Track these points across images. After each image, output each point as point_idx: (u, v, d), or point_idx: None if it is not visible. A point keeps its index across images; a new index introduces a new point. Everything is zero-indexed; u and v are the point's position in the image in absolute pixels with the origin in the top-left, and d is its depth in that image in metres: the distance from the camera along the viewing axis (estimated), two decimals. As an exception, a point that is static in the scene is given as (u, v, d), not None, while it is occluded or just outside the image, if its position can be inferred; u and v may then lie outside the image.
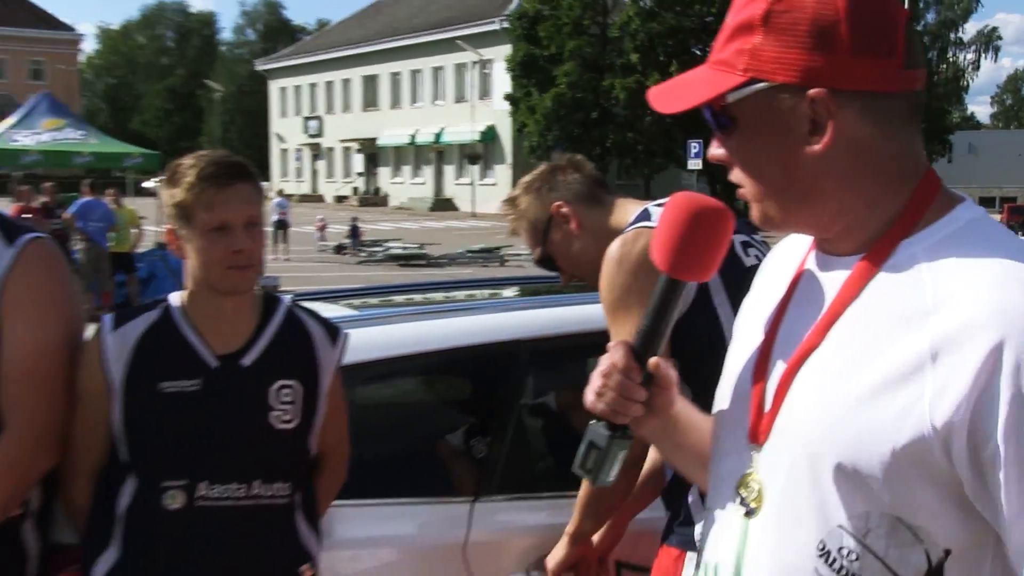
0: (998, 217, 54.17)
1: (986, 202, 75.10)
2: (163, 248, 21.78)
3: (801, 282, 1.94)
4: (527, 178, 3.72)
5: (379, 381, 3.84)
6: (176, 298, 3.21)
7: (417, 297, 5.11)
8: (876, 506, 1.68)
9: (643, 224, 3.23)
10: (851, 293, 1.79)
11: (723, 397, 2.06)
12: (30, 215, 19.67)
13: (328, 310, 3.68)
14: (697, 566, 2.10)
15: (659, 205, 3.28)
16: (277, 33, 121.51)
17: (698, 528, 2.96)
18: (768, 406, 1.87)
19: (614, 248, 3.23)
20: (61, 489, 3.28)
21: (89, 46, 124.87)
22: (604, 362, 1.98)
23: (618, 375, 1.94)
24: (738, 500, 1.90)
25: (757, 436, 1.88)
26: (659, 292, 2.01)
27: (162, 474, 3.09)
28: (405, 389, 4.08)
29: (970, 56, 79.11)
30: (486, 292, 4.72)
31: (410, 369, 3.97)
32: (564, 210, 3.49)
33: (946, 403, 1.59)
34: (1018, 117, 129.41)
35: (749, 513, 1.87)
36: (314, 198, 78.94)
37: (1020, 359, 1.55)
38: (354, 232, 37.46)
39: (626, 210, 3.50)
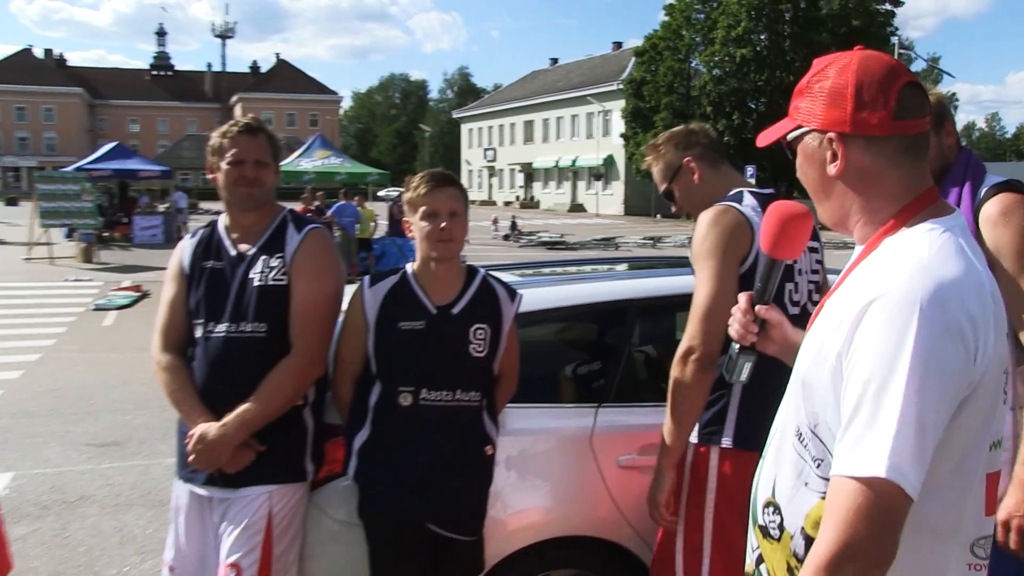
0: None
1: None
2: (391, 235, 22.15)
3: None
4: (671, 131, 3.49)
5: (538, 325, 3.83)
6: (409, 267, 3.28)
7: (560, 269, 5.09)
8: (813, 408, 1.80)
9: (734, 204, 3.09)
10: (849, 270, 1.89)
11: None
12: (309, 213, 20.08)
13: (506, 277, 3.69)
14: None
15: (752, 192, 3.16)
16: (467, 92, 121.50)
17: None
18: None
19: (709, 214, 3.07)
20: (332, 390, 3.36)
21: (346, 104, 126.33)
22: (736, 309, 2.18)
23: (740, 315, 2.16)
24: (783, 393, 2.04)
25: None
26: (766, 267, 2.15)
27: (398, 382, 3.16)
28: (554, 331, 4.07)
29: None
30: (605, 267, 4.70)
31: (558, 318, 3.96)
32: (692, 164, 3.31)
33: (838, 343, 1.70)
34: None
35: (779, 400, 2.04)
36: (489, 203, 78.88)
37: (872, 317, 1.64)
38: (514, 226, 37.40)
39: (731, 182, 3.29)
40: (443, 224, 3.12)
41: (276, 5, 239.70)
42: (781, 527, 1.89)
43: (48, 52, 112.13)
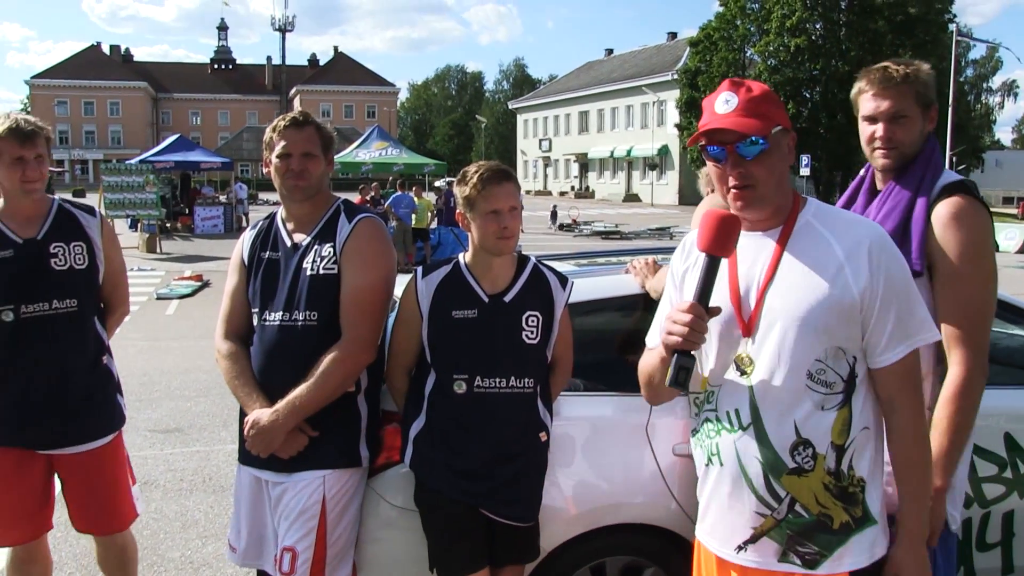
0: (1016, 211, 52.19)
1: (1008, 200, 72.58)
2: (446, 224, 22.23)
3: (739, 250, 2.39)
4: None
5: (594, 314, 3.80)
6: (463, 257, 3.28)
7: (614, 259, 5.05)
8: (832, 342, 2.30)
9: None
10: (783, 243, 2.37)
11: (716, 322, 2.40)
12: (366, 204, 20.26)
13: (559, 266, 3.67)
14: (716, 420, 2.46)
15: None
16: (522, 83, 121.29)
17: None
18: (749, 314, 2.36)
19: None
20: (387, 378, 3.38)
21: (403, 95, 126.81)
22: (681, 314, 2.30)
23: (693, 320, 2.27)
24: (737, 369, 2.39)
25: (749, 330, 2.36)
26: (704, 266, 2.33)
27: (452, 370, 3.16)
28: (609, 319, 4.03)
29: (997, 99, 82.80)
30: (660, 256, 4.65)
31: (613, 307, 3.92)
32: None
33: (860, 279, 2.29)
34: None
35: (744, 373, 2.37)
36: (544, 193, 78.85)
37: (880, 261, 2.30)
38: (554, 215, 37.26)
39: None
40: (506, 223, 3.12)
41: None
42: (814, 455, 2.31)
43: (114, 48, 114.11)
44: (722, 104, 2.38)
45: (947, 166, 3.07)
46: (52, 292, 3.60)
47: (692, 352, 2.31)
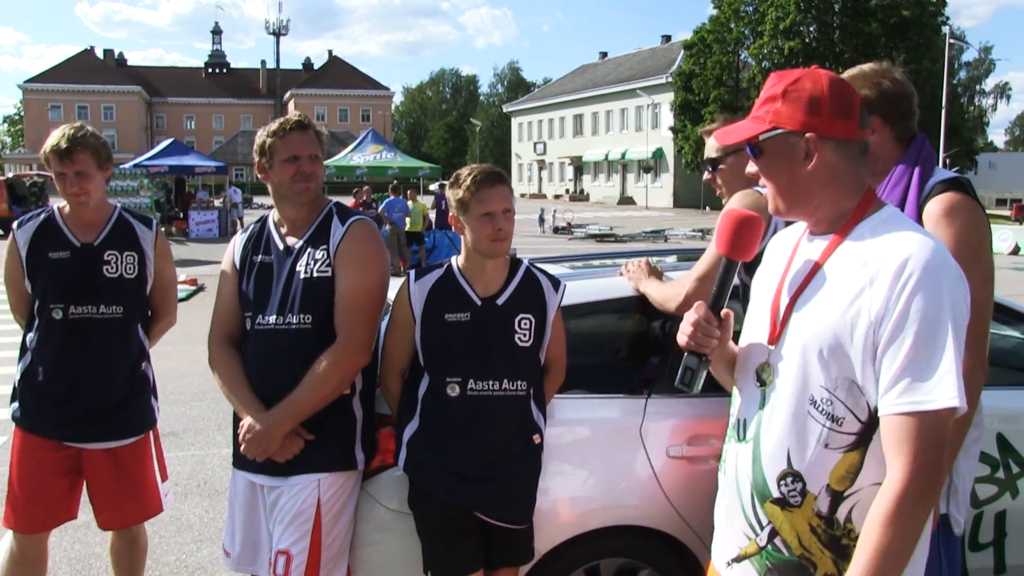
0: (1009, 213, 52.48)
1: (1001, 202, 73.26)
2: (441, 228, 22.22)
3: (797, 252, 2.25)
4: None
5: (588, 316, 3.80)
6: (455, 260, 3.28)
7: (608, 261, 5.06)
8: (842, 372, 2.04)
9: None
10: (827, 254, 2.16)
11: (751, 322, 2.34)
12: (360, 208, 20.26)
13: (553, 269, 3.68)
14: (732, 426, 2.35)
15: None
16: (517, 87, 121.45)
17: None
18: (780, 321, 2.20)
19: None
20: (381, 382, 3.38)
21: (397, 99, 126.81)
22: (692, 315, 2.25)
23: (705, 323, 2.23)
24: (756, 379, 2.24)
25: (774, 339, 2.20)
26: (721, 268, 2.27)
27: (445, 373, 3.16)
28: (604, 322, 4.03)
29: (990, 101, 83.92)
30: (655, 259, 4.67)
31: (607, 309, 3.91)
32: None
33: (877, 302, 1.97)
34: None
35: (763, 384, 2.21)
36: (539, 196, 78.81)
37: (906, 282, 1.94)
38: (541, 220, 37.29)
39: None
40: (500, 226, 3.13)
41: (329, 2, 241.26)
42: (804, 492, 2.10)
43: (108, 52, 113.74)
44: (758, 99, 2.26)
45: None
46: (101, 297, 3.76)
47: (703, 355, 2.25)
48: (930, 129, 41.34)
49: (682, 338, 2.26)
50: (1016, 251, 30.92)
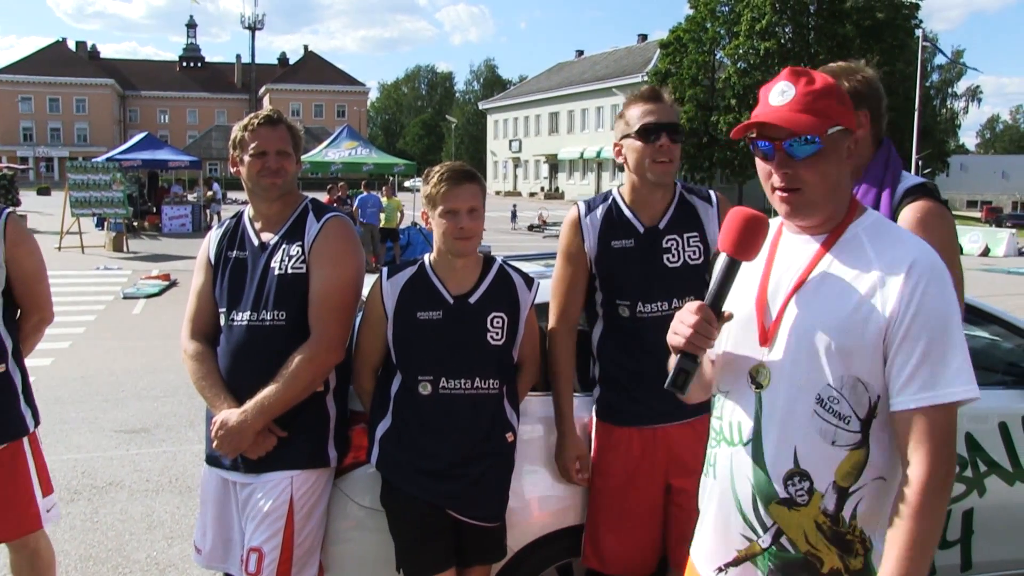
0: (979, 215, 53.01)
1: (971, 204, 73.93)
2: (415, 225, 22.20)
3: (779, 251, 2.21)
4: None
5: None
6: (427, 258, 3.28)
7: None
8: (849, 370, 2.04)
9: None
10: (823, 252, 2.13)
11: (735, 324, 2.22)
12: (334, 204, 20.18)
13: (527, 267, 3.67)
14: (720, 429, 2.28)
15: None
16: (493, 84, 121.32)
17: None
18: (770, 322, 2.14)
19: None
20: (354, 379, 3.37)
21: (373, 95, 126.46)
22: (688, 315, 2.12)
23: (700, 322, 2.09)
24: (750, 381, 2.16)
25: (767, 340, 2.14)
26: (723, 267, 2.15)
27: (418, 371, 3.17)
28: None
29: (961, 104, 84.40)
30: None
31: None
32: None
33: (890, 302, 1.99)
34: (994, 147, 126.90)
35: (759, 387, 2.14)
36: (514, 194, 78.64)
37: (916, 285, 1.98)
38: (514, 216, 37.28)
39: None
40: (463, 224, 3.12)
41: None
42: (811, 490, 2.08)
43: (81, 44, 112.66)
44: (777, 95, 2.13)
45: (913, 170, 3.10)
46: None
47: (696, 356, 2.11)
48: (904, 131, 41.67)
49: (676, 339, 2.12)
50: (986, 252, 31.24)
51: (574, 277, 3.42)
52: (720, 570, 2.25)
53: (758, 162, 2.17)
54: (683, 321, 2.12)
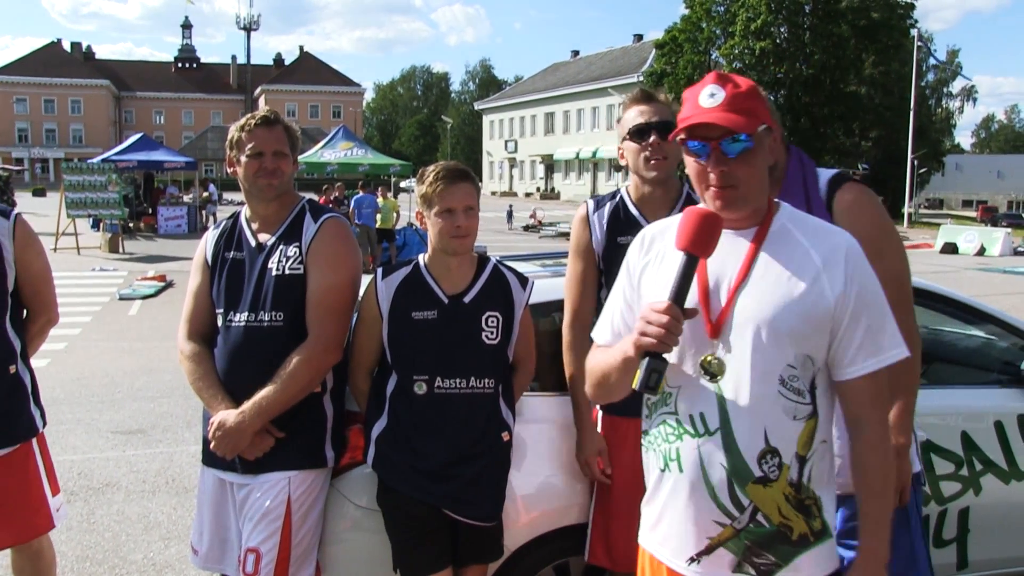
0: (975, 214, 53.08)
1: (967, 204, 74.15)
2: (411, 226, 22.19)
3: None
4: None
5: (555, 314, 3.81)
6: (422, 258, 3.29)
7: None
8: (801, 349, 2.20)
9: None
10: (758, 244, 2.26)
11: None
12: (330, 205, 20.18)
13: (522, 266, 3.68)
14: (677, 423, 2.30)
15: None
16: (488, 84, 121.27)
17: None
18: (717, 315, 2.23)
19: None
20: (349, 379, 3.37)
21: (368, 96, 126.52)
22: (656, 315, 2.12)
23: (669, 319, 2.11)
24: (704, 373, 2.24)
25: (717, 332, 2.23)
26: (683, 265, 2.17)
27: (413, 371, 3.17)
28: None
29: (957, 104, 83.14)
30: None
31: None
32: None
33: (835, 286, 2.19)
34: (989, 146, 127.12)
35: (713, 377, 2.22)
36: (510, 194, 78.73)
37: (854, 268, 2.22)
38: (510, 216, 37.32)
39: None
40: (459, 223, 3.13)
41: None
42: (780, 464, 2.21)
43: (76, 45, 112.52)
44: (707, 97, 2.23)
45: (908, 170, 3.16)
46: None
47: (664, 355, 2.13)
48: (899, 130, 41.75)
49: (647, 340, 2.12)
50: (982, 252, 31.23)
51: (584, 273, 3.45)
52: (692, 560, 2.29)
53: (689, 162, 2.28)
54: (651, 321, 2.13)
